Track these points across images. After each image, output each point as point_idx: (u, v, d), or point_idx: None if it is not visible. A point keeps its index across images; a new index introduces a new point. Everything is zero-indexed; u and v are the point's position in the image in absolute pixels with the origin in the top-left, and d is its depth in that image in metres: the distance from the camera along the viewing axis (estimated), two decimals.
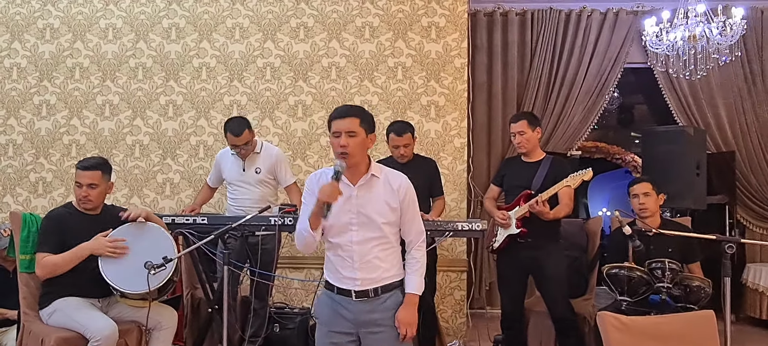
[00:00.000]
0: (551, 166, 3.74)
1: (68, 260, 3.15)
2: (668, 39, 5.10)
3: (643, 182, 3.70)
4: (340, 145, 2.31)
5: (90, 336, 3.03)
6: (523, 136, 3.76)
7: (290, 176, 4.21)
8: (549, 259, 3.67)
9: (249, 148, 4.05)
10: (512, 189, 3.86)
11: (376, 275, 2.37)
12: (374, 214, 2.35)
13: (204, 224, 3.71)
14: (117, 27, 5.19)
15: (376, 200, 2.37)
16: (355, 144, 2.32)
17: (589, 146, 8.74)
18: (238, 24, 5.14)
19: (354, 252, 2.36)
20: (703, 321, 2.50)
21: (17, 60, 5.22)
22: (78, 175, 3.27)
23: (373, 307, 2.36)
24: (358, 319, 2.37)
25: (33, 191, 5.18)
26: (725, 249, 2.86)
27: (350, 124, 2.32)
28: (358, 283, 2.36)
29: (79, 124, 5.17)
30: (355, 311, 2.37)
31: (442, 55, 5.04)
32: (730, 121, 5.82)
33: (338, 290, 2.40)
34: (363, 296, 2.36)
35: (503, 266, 3.89)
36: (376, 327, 2.36)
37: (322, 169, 2.47)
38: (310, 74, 5.09)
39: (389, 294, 2.39)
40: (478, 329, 4.95)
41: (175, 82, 5.15)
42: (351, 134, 2.31)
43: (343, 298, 2.39)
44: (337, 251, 2.40)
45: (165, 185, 5.14)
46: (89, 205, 3.30)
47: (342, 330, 2.39)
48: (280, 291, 4.92)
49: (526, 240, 3.69)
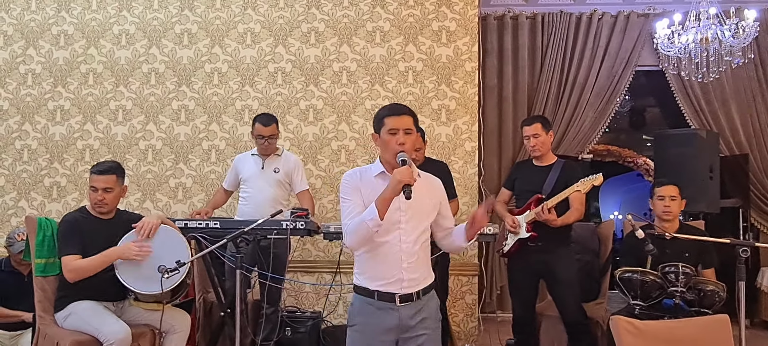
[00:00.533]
0: (563, 170, 3.72)
1: (97, 264, 3.18)
2: (680, 41, 5.07)
3: (672, 186, 3.66)
4: (398, 142, 2.29)
5: (104, 339, 3.06)
6: (538, 139, 3.74)
7: (305, 183, 4.28)
8: (560, 263, 3.66)
9: (273, 143, 4.15)
10: (523, 193, 3.85)
11: (418, 275, 2.35)
12: (421, 211, 2.36)
13: (216, 228, 3.73)
14: (130, 33, 5.24)
15: (422, 198, 2.35)
16: (411, 142, 2.34)
17: (600, 149, 8.69)
18: (249, 29, 5.17)
19: (402, 251, 2.31)
20: (718, 325, 2.48)
21: (32, 66, 5.28)
22: (93, 179, 3.30)
23: (417, 310, 2.33)
24: (403, 324, 2.31)
25: (47, 195, 5.23)
26: (739, 253, 2.85)
27: (408, 122, 2.33)
28: (405, 284, 2.31)
29: (93, 129, 5.22)
30: (400, 316, 2.31)
31: (453, 59, 5.05)
32: (743, 124, 5.77)
33: (380, 296, 2.33)
34: (407, 300, 2.32)
35: (514, 270, 3.88)
36: (419, 332, 2.33)
37: (360, 168, 2.46)
38: (321, 79, 5.11)
39: (428, 296, 2.39)
40: (489, 333, 4.94)
41: (188, 87, 5.18)
42: (408, 132, 2.32)
43: (386, 303, 2.32)
44: (382, 250, 2.32)
45: (177, 189, 5.17)
46: (105, 208, 3.33)
47: (383, 338, 2.32)
48: (291, 295, 4.93)
49: (536, 244, 3.67)
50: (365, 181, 2.36)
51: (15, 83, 5.28)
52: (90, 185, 3.33)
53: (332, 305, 4.65)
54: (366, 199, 2.31)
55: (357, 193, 2.34)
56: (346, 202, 2.36)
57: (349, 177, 2.39)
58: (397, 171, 2.21)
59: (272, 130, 4.12)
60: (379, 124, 2.35)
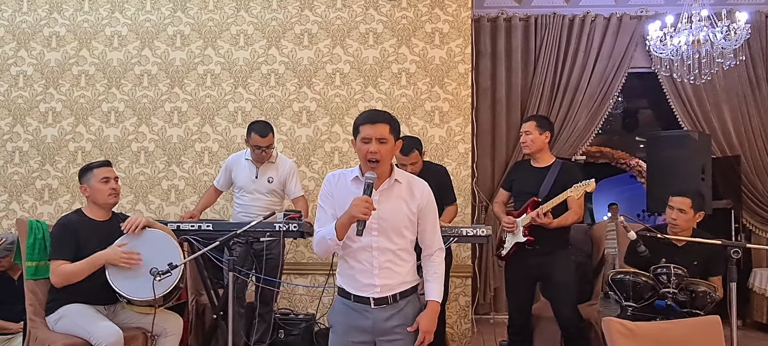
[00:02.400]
0: (560, 172, 3.69)
1: (84, 269, 3.16)
2: (672, 43, 5.10)
3: (684, 197, 3.50)
4: (370, 151, 2.25)
5: (95, 343, 3.04)
6: (529, 137, 3.73)
7: (299, 189, 4.25)
8: (558, 265, 3.64)
9: (269, 153, 4.11)
10: (520, 195, 3.83)
11: (394, 281, 2.33)
12: (396, 219, 2.31)
13: (209, 230, 3.72)
14: (122, 35, 5.22)
15: (398, 205, 2.33)
16: (385, 151, 2.27)
17: (593, 151, 8.73)
18: (242, 31, 5.16)
19: (374, 258, 2.31)
20: (709, 326, 2.48)
21: (23, 68, 5.25)
22: (101, 172, 3.32)
23: (392, 314, 2.32)
24: (377, 327, 2.32)
25: (39, 197, 5.20)
26: (731, 254, 2.85)
27: (383, 130, 2.27)
28: (377, 290, 2.31)
29: (85, 131, 5.20)
30: (374, 318, 2.32)
31: (446, 61, 5.05)
32: (735, 126, 5.81)
33: (355, 298, 2.35)
34: (382, 303, 2.32)
35: (511, 273, 3.86)
36: (394, 335, 2.33)
37: (340, 171, 2.42)
38: (314, 81, 5.11)
39: (406, 300, 2.35)
40: (483, 334, 4.95)
41: (180, 89, 5.17)
42: (382, 141, 2.26)
43: (361, 305, 2.34)
44: (356, 256, 2.34)
45: (170, 191, 5.15)
46: (117, 198, 3.38)
47: (359, 340, 2.34)
48: (284, 297, 4.92)
49: (534, 247, 3.66)
50: (340, 186, 2.35)
51: (6, 85, 5.24)
52: (99, 179, 3.30)
53: (325, 307, 4.62)
54: (337, 204, 2.32)
55: (330, 200, 2.35)
56: (319, 209, 2.38)
57: (326, 182, 2.40)
58: (355, 203, 2.17)
59: (269, 141, 4.06)
60: (355, 130, 2.34)
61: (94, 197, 3.34)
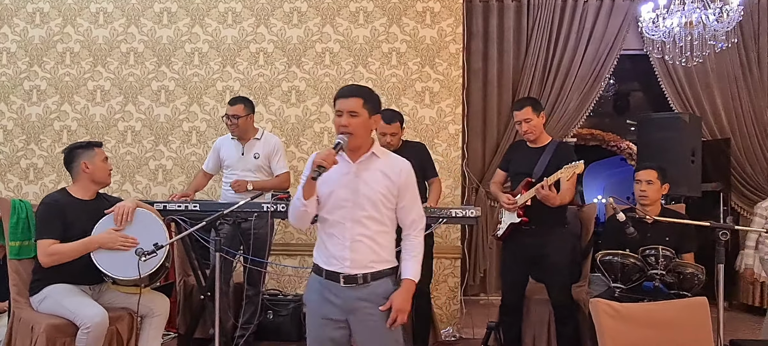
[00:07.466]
0: (556, 152, 3.66)
1: (78, 250, 3.11)
2: (665, 25, 5.07)
3: (649, 169, 3.62)
4: (341, 124, 2.31)
5: (80, 323, 3.00)
6: (530, 124, 3.69)
7: (284, 165, 4.21)
8: (553, 244, 3.64)
9: (237, 124, 4.08)
10: (516, 176, 3.81)
11: (366, 258, 2.32)
12: (371, 192, 2.32)
13: (196, 210, 3.68)
14: (108, 11, 5.12)
15: (375, 178, 2.34)
16: (356, 124, 2.30)
17: (584, 133, 8.72)
18: (230, 8, 5.08)
19: (347, 230, 2.32)
20: (697, 308, 2.48)
21: (7, 45, 5.15)
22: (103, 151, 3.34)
23: (363, 294, 2.32)
24: (347, 305, 2.33)
25: (24, 177, 5.13)
26: (719, 236, 2.85)
27: (354, 104, 2.30)
28: (347, 264, 2.31)
29: (70, 109, 5.12)
30: (344, 297, 2.32)
31: (437, 41, 5.00)
32: (726, 108, 5.81)
33: (327, 274, 2.35)
34: (352, 282, 2.32)
35: (507, 253, 3.86)
36: (365, 314, 2.32)
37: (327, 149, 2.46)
38: (303, 60, 5.04)
39: (379, 282, 2.34)
40: (472, 316, 4.96)
41: (167, 67, 5.09)
42: (353, 114, 2.30)
43: (332, 283, 2.34)
44: (330, 228, 2.36)
45: (157, 171, 5.10)
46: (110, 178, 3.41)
47: (332, 317, 2.34)
48: (273, 278, 4.90)
49: (530, 228, 3.66)
50: None
51: None
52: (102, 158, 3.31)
53: None
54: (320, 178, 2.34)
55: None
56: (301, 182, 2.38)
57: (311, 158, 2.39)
58: (319, 152, 2.26)
59: (236, 110, 4.05)
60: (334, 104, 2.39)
61: (96, 175, 3.29)
